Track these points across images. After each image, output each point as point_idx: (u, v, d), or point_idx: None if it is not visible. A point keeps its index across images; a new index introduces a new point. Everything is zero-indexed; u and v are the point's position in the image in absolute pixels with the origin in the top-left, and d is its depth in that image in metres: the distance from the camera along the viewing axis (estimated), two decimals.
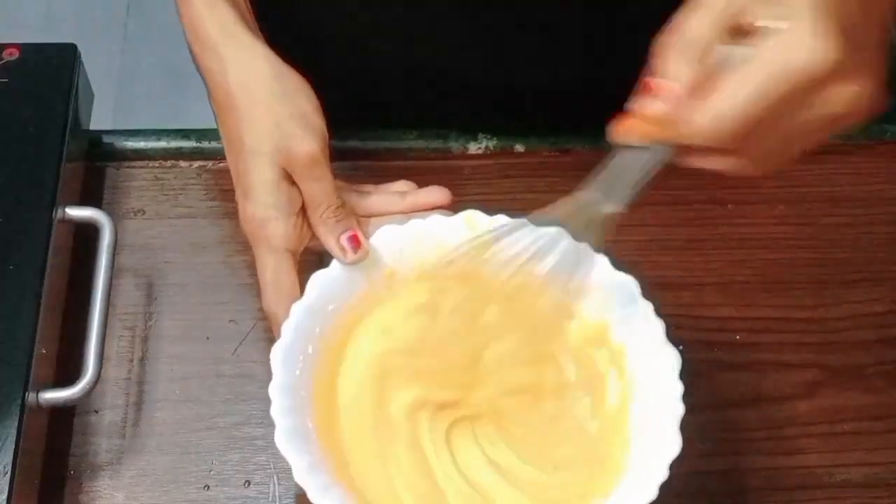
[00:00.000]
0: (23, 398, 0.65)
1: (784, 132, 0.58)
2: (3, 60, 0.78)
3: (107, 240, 0.73)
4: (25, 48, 0.79)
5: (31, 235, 0.71)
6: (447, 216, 0.72)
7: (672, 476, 0.64)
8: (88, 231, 0.75)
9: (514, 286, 0.67)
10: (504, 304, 0.68)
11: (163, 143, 0.84)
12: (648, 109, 0.58)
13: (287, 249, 0.71)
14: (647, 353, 0.67)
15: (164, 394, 0.74)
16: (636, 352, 0.67)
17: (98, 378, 0.69)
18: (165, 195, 0.82)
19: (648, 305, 0.67)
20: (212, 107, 0.74)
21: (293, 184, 0.71)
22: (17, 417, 0.65)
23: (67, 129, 0.76)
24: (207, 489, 0.71)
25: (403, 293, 0.70)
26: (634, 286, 0.68)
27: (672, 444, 0.62)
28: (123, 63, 2.00)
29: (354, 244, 0.70)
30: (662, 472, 0.62)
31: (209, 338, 0.76)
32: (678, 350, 0.66)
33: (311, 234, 0.72)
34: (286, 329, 0.66)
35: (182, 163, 0.84)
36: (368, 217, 0.75)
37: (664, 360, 0.66)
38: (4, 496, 0.63)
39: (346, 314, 0.69)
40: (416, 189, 0.77)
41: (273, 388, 0.63)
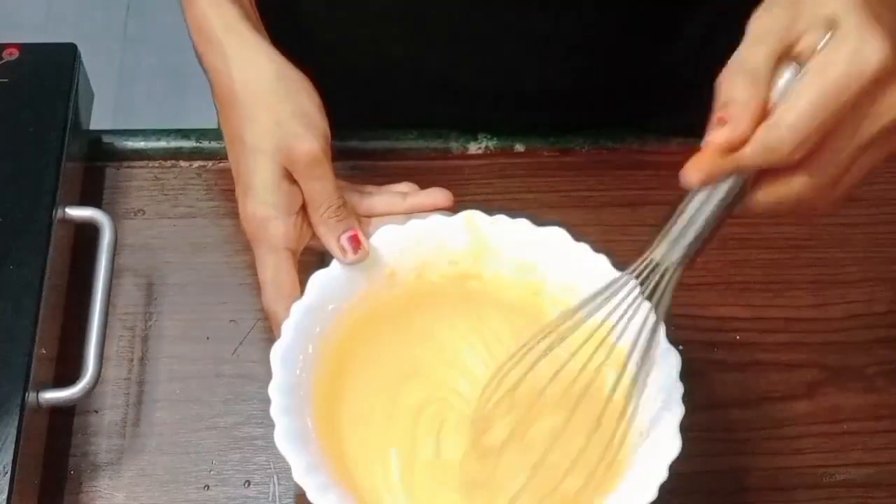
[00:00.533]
0: (23, 398, 0.65)
1: (850, 144, 0.58)
2: (3, 60, 0.78)
3: (107, 240, 0.73)
4: (25, 48, 0.79)
5: (31, 235, 0.71)
6: (447, 216, 0.72)
7: (672, 476, 0.64)
8: (88, 231, 0.75)
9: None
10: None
11: (163, 143, 0.84)
12: (717, 138, 0.58)
13: (287, 248, 0.71)
14: (648, 353, 0.66)
15: (164, 394, 0.74)
16: (637, 352, 0.67)
17: (98, 378, 0.69)
18: (165, 195, 0.82)
19: (648, 305, 0.67)
20: (215, 104, 0.74)
21: (294, 183, 0.71)
22: (17, 417, 0.65)
23: (67, 129, 0.76)
24: (207, 489, 0.71)
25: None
26: (634, 285, 0.68)
27: (672, 445, 0.62)
28: (123, 63, 2.00)
29: (355, 244, 0.70)
30: (662, 473, 0.62)
31: (209, 338, 0.76)
32: (678, 350, 0.66)
33: (312, 233, 0.72)
34: (286, 328, 0.66)
35: (182, 163, 0.84)
36: (370, 217, 0.75)
37: (665, 361, 0.66)
38: (4, 496, 0.63)
39: (347, 314, 0.69)
40: (418, 190, 0.77)
41: (273, 388, 0.63)
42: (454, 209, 0.74)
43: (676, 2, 0.83)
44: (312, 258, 0.72)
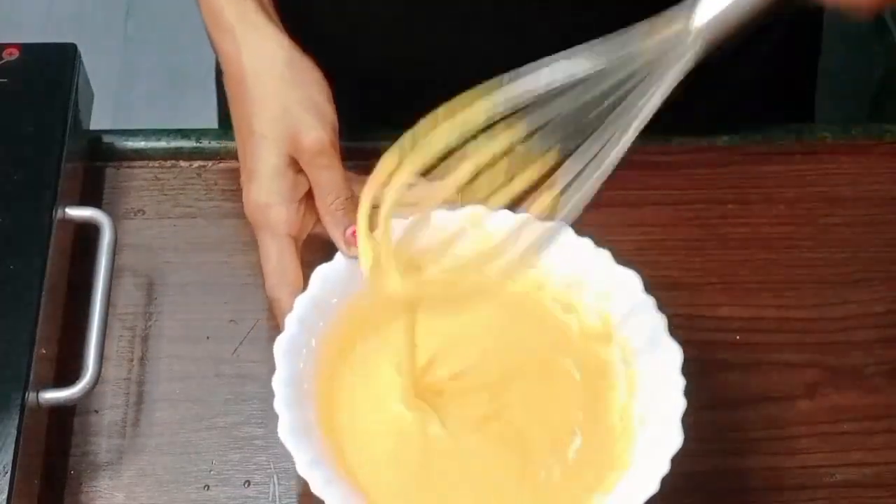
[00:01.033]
0: (23, 398, 0.65)
1: None
2: (3, 60, 0.78)
3: (107, 240, 0.73)
4: (25, 48, 0.79)
5: (31, 235, 0.71)
6: (452, 210, 0.73)
7: (672, 476, 0.64)
8: (88, 231, 0.75)
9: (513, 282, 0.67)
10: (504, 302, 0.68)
11: (163, 143, 0.84)
12: None
13: (289, 235, 0.71)
14: (650, 348, 0.67)
15: (164, 394, 0.74)
16: (639, 347, 0.67)
17: (98, 378, 0.69)
18: (165, 195, 0.82)
19: (651, 300, 0.68)
20: (226, 90, 0.75)
21: (300, 171, 0.71)
22: (17, 417, 0.65)
23: (67, 129, 0.76)
24: (207, 489, 0.71)
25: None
26: (637, 281, 0.68)
27: (674, 438, 0.63)
28: (123, 63, 2.00)
29: None
30: (665, 466, 0.62)
31: (209, 338, 0.76)
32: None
33: (316, 221, 0.72)
34: (289, 322, 0.66)
35: (182, 163, 0.84)
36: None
37: (667, 355, 0.66)
38: (4, 496, 0.63)
39: (349, 307, 0.69)
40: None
41: (276, 381, 0.63)
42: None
43: (677, 1, 0.83)
44: (317, 256, 0.72)
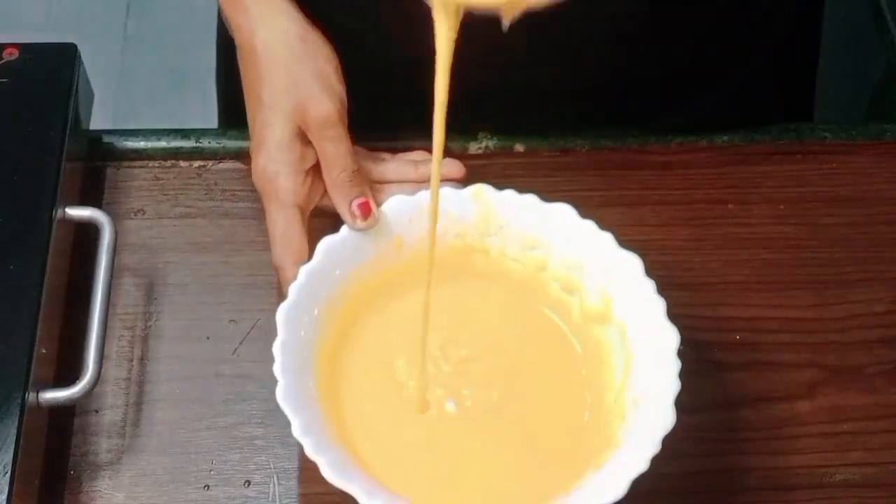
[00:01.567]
0: (23, 398, 0.65)
1: None
2: (3, 60, 0.78)
3: (107, 240, 0.73)
4: (25, 48, 0.79)
5: (31, 235, 0.71)
6: (458, 188, 0.73)
7: (672, 476, 0.64)
8: (88, 231, 0.75)
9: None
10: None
11: (162, 143, 0.84)
12: None
13: (296, 205, 0.72)
14: (648, 331, 0.67)
15: (164, 394, 0.74)
16: (637, 329, 0.68)
17: (98, 378, 0.69)
18: (165, 195, 0.82)
19: (651, 283, 0.68)
20: (239, 63, 0.76)
21: (308, 144, 0.72)
22: (17, 417, 0.65)
23: (67, 129, 0.76)
24: (207, 489, 0.71)
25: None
26: (639, 264, 0.69)
27: (666, 419, 0.63)
28: (123, 63, 2.00)
29: (365, 211, 0.71)
30: (655, 446, 0.62)
31: (209, 338, 0.76)
32: (678, 349, 0.66)
33: (324, 193, 0.73)
34: (293, 290, 0.67)
35: (182, 163, 0.84)
36: (381, 183, 0.76)
37: (664, 338, 0.66)
38: (4, 496, 0.63)
39: (353, 280, 0.70)
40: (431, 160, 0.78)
41: (276, 347, 0.64)
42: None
43: (677, 1, 0.83)
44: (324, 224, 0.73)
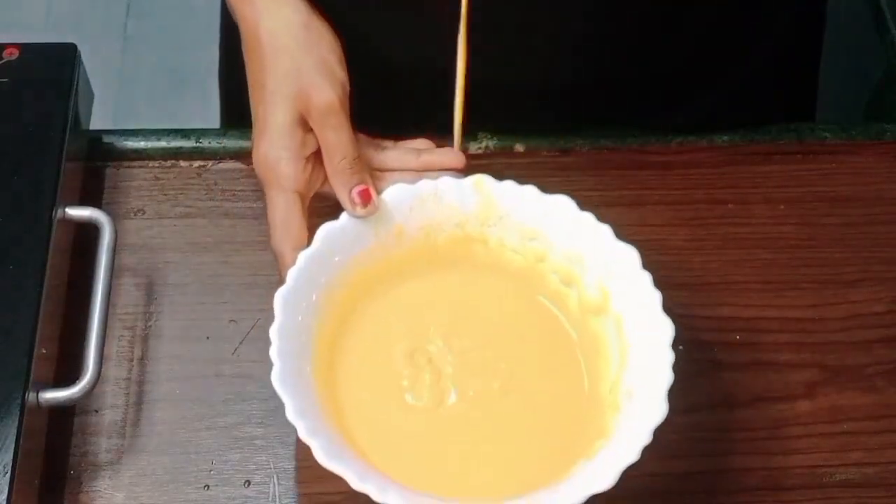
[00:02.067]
0: (23, 398, 0.65)
1: None
2: (3, 60, 0.78)
3: (107, 240, 0.73)
4: (25, 48, 0.79)
5: (31, 235, 0.71)
6: (459, 178, 0.73)
7: (672, 476, 0.64)
8: (88, 231, 0.75)
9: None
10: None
11: (162, 143, 0.84)
12: None
13: (296, 191, 0.72)
14: (644, 323, 0.67)
15: (164, 394, 0.74)
16: (633, 321, 0.68)
17: (98, 378, 0.69)
18: (165, 195, 0.82)
19: (648, 276, 0.68)
20: (244, 52, 0.76)
21: (309, 131, 0.73)
22: (17, 417, 0.65)
23: (67, 129, 0.76)
24: (207, 489, 0.71)
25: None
26: (636, 256, 0.69)
27: (658, 411, 0.63)
28: (123, 63, 2.00)
29: (365, 198, 0.71)
30: (646, 437, 0.62)
31: (209, 338, 0.76)
32: (678, 350, 0.66)
33: (324, 179, 0.73)
34: (291, 275, 0.67)
35: (182, 163, 0.84)
36: (382, 171, 0.76)
37: (659, 330, 0.66)
38: (4, 496, 0.63)
39: (352, 267, 0.70)
40: (434, 148, 0.78)
41: (273, 330, 0.64)
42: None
43: (677, 1, 0.83)
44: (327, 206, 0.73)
